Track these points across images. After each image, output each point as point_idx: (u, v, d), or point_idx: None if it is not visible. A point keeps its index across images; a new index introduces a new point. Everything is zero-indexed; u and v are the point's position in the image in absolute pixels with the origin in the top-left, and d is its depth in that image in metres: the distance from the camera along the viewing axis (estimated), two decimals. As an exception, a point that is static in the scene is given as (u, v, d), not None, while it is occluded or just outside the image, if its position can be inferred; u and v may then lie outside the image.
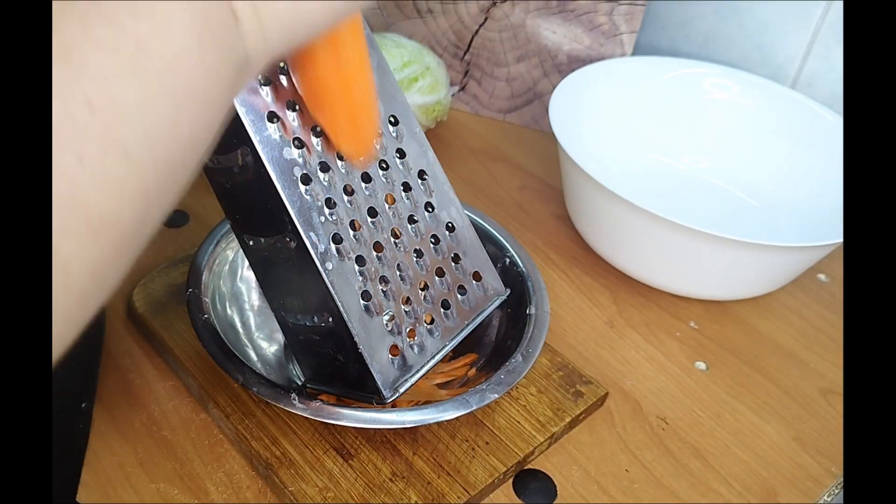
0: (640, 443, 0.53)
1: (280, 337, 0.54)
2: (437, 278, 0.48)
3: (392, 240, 0.46)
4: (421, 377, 0.46)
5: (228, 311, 0.53)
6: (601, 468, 0.51)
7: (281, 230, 0.43)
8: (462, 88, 0.84)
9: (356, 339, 0.43)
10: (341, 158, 0.44)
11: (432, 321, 0.47)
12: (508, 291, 0.51)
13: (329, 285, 0.43)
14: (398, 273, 0.46)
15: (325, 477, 0.47)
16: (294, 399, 0.45)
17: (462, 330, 0.48)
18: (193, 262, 0.52)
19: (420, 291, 0.47)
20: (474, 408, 0.46)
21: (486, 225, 0.57)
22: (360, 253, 0.44)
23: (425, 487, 0.47)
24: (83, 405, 0.48)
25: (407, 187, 0.47)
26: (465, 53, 0.82)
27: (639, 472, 0.51)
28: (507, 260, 0.56)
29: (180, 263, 0.58)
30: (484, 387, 0.46)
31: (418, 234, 0.47)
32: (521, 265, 0.55)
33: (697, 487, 0.50)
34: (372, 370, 0.44)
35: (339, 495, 0.46)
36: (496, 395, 0.46)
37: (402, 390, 0.45)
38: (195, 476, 0.48)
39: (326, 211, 0.43)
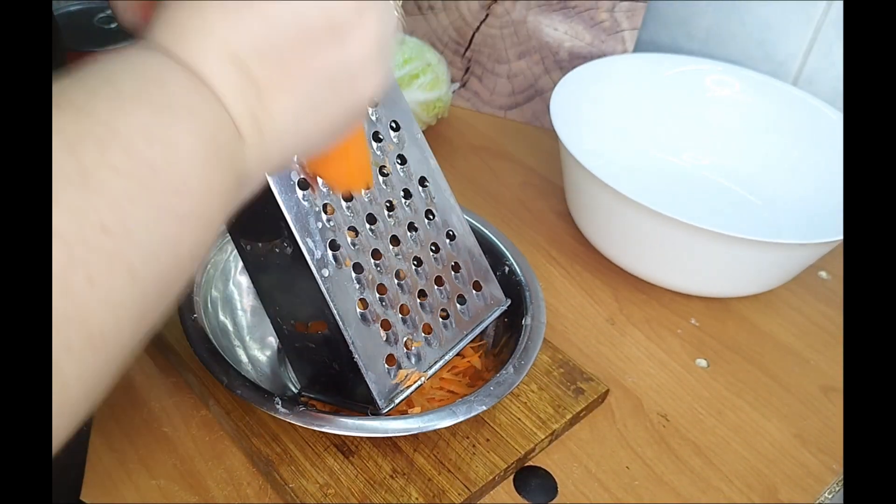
0: (640, 440, 0.53)
1: (273, 342, 0.54)
2: (436, 287, 0.47)
3: (391, 247, 0.45)
4: (417, 388, 0.46)
5: (221, 315, 0.53)
6: (602, 465, 0.51)
7: (277, 235, 0.42)
8: (463, 85, 0.84)
9: (352, 347, 0.43)
10: None
11: (430, 331, 0.47)
12: (509, 301, 0.51)
13: (325, 293, 0.42)
14: (396, 281, 0.45)
15: (326, 474, 0.47)
16: (277, 403, 0.45)
17: (460, 340, 0.48)
18: None
19: (418, 300, 0.46)
20: (461, 419, 0.45)
21: (486, 231, 0.57)
22: (357, 260, 0.44)
23: (426, 484, 0.47)
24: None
25: (407, 194, 0.46)
26: (466, 50, 0.82)
27: (639, 469, 0.51)
28: (507, 268, 0.55)
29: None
30: (472, 398, 0.46)
31: (418, 242, 0.46)
32: (520, 274, 0.55)
33: (698, 484, 0.50)
34: (367, 380, 0.43)
35: (339, 492, 0.46)
36: (484, 407, 0.46)
37: (397, 401, 0.44)
38: (196, 473, 0.48)
39: (324, 217, 0.42)
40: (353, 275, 0.43)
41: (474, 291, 0.49)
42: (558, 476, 0.50)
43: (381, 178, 0.45)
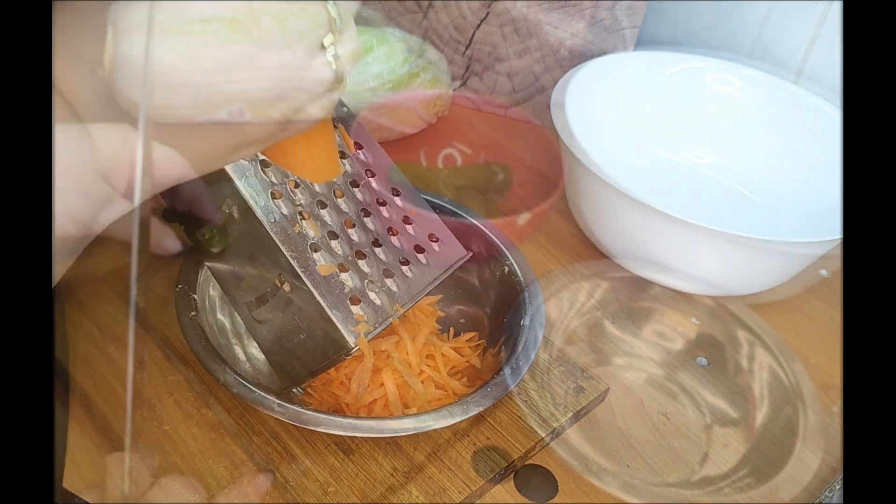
0: (641, 438, 0.53)
1: None
2: (391, 237, 0.48)
3: (337, 199, 0.46)
4: (384, 328, 0.46)
5: (219, 313, 0.53)
6: (603, 464, 0.51)
7: (222, 200, 0.43)
8: (464, 83, 0.84)
9: (312, 290, 0.43)
10: None
11: (392, 275, 0.47)
12: (470, 254, 0.51)
13: (275, 239, 0.43)
14: (348, 230, 0.46)
15: (327, 472, 0.47)
16: (274, 403, 0.45)
17: (427, 286, 0.48)
18: (185, 260, 0.52)
19: (375, 248, 0.47)
20: (457, 419, 0.45)
21: (485, 229, 0.57)
22: (301, 207, 0.44)
23: (427, 483, 0.47)
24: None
25: (343, 155, 0.48)
26: (466, 48, 0.82)
27: (640, 467, 0.51)
28: (506, 268, 0.55)
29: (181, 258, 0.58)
30: (469, 399, 0.46)
31: (364, 196, 0.48)
32: (519, 273, 0.55)
33: (699, 483, 0.50)
34: (334, 319, 0.44)
35: (340, 490, 0.46)
36: (480, 409, 0.46)
37: (368, 338, 0.45)
38: (196, 471, 0.48)
39: (262, 170, 0.44)
40: (302, 221, 0.44)
41: (431, 242, 0.50)
42: (559, 474, 0.50)
43: None
